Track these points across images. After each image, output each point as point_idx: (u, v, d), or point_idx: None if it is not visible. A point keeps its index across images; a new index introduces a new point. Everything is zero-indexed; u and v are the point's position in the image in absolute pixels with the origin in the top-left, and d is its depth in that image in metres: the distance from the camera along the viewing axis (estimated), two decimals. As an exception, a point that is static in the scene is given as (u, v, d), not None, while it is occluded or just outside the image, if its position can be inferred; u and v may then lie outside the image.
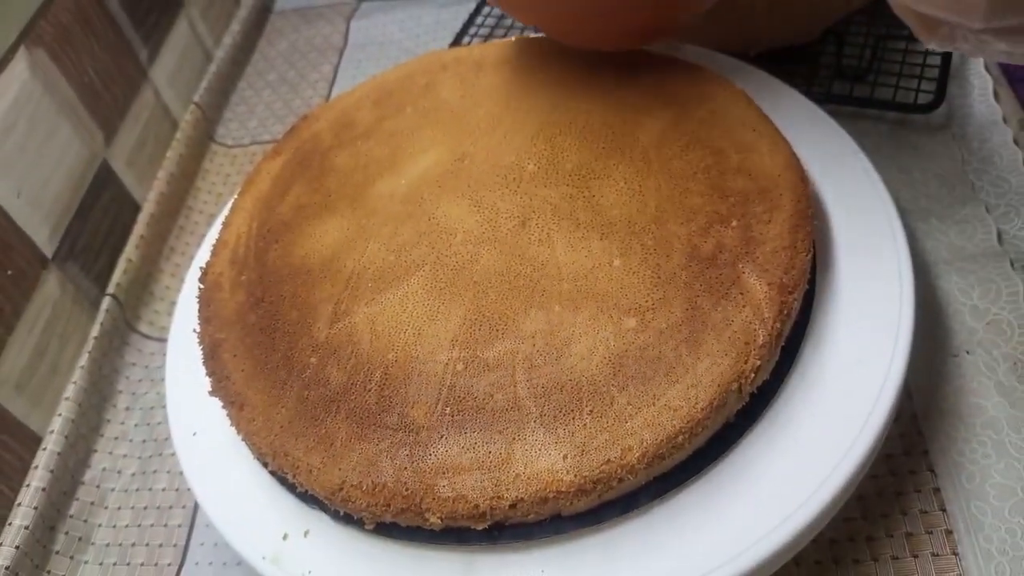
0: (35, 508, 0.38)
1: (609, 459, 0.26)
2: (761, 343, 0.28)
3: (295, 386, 0.30)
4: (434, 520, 0.26)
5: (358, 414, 0.29)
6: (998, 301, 0.38)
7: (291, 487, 0.30)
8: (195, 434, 0.34)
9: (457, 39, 0.59)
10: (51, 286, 0.44)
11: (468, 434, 0.27)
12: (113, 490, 0.41)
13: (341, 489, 0.27)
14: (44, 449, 0.40)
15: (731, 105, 0.36)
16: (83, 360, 0.44)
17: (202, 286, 0.35)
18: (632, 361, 0.28)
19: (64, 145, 0.47)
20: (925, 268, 0.40)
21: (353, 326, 0.31)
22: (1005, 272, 0.39)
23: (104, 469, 0.42)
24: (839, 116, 0.38)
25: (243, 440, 0.31)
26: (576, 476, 0.26)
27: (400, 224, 0.34)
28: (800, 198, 0.31)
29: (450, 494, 0.26)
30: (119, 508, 0.41)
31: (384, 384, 0.29)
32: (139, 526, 0.40)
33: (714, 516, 0.27)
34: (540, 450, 0.26)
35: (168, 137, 0.57)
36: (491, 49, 0.42)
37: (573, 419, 0.27)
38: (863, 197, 0.35)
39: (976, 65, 0.48)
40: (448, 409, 0.28)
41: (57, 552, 0.38)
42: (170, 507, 0.40)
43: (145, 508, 0.40)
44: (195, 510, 0.40)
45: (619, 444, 0.26)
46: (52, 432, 0.40)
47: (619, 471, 0.26)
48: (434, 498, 0.26)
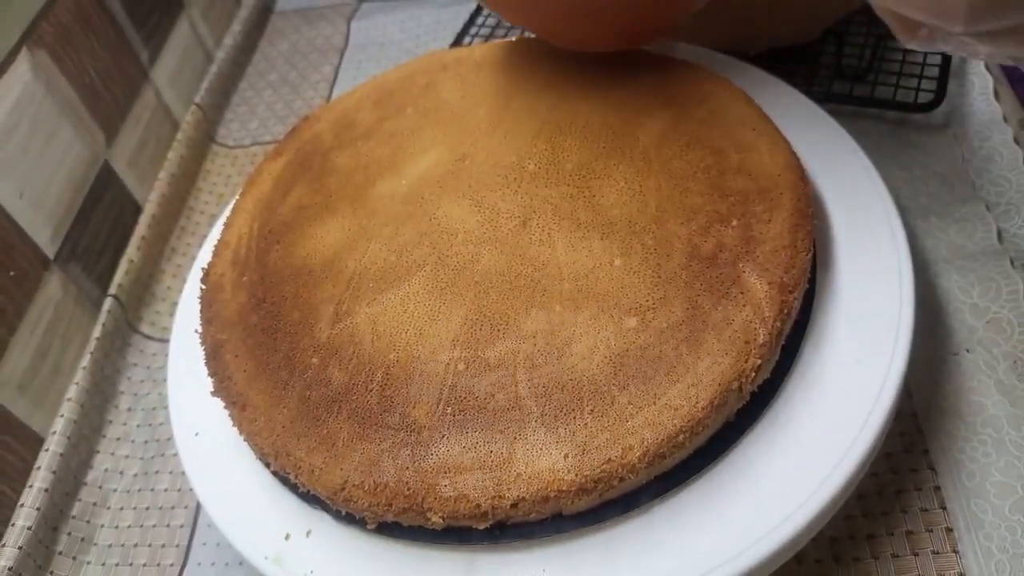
0: (38, 509, 0.38)
1: (610, 458, 0.26)
2: (761, 342, 0.28)
3: (297, 386, 0.30)
4: (436, 519, 0.26)
5: (360, 414, 0.29)
6: (998, 299, 0.38)
7: (293, 487, 0.30)
8: (197, 434, 0.34)
9: (457, 39, 0.59)
10: (53, 287, 0.45)
11: (469, 434, 0.27)
12: (115, 491, 0.41)
13: (343, 489, 0.27)
14: (46, 450, 0.40)
15: (731, 104, 0.36)
16: (85, 361, 0.44)
17: (204, 287, 0.35)
18: (633, 360, 0.28)
19: (66, 146, 0.47)
20: (925, 266, 0.40)
21: (355, 326, 0.31)
22: (1005, 270, 0.39)
23: (106, 470, 0.42)
24: (839, 115, 0.38)
25: (245, 440, 0.31)
26: (577, 475, 0.26)
27: (401, 224, 0.34)
28: (800, 197, 0.31)
29: (452, 493, 0.26)
30: (121, 509, 0.41)
31: (386, 384, 0.29)
32: (141, 526, 0.40)
33: (715, 515, 0.28)
34: (541, 449, 0.27)
35: (169, 138, 0.57)
36: (492, 49, 0.42)
37: (574, 418, 0.27)
38: (863, 196, 0.35)
39: (976, 64, 0.48)
40: (449, 409, 0.28)
41: (60, 553, 0.39)
42: (172, 507, 0.40)
43: (147, 508, 0.40)
44: (197, 510, 0.40)
45: (620, 443, 0.26)
46: (54, 433, 0.40)
47: (620, 470, 0.26)
48: (436, 498, 0.26)
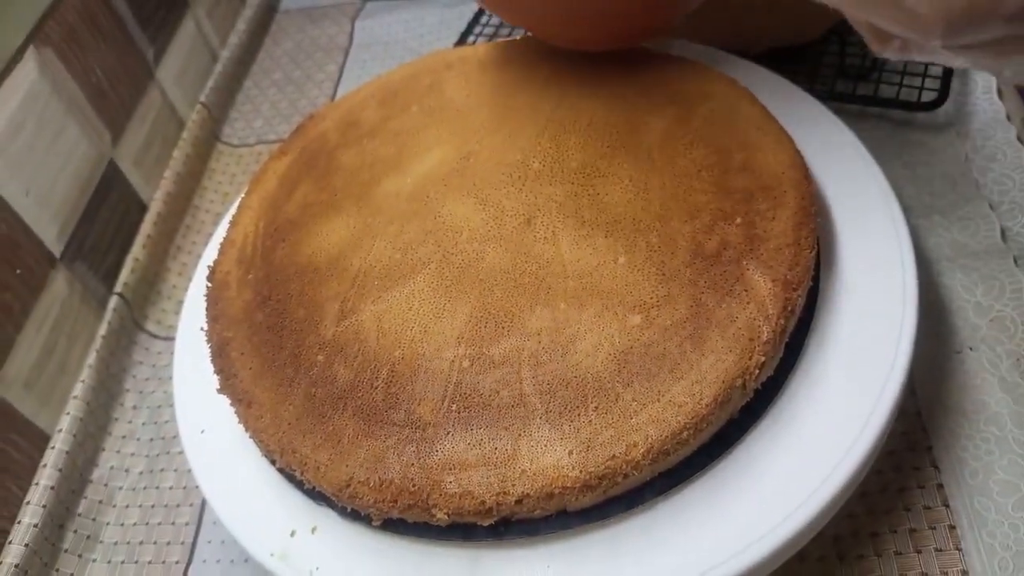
0: (44, 506, 0.38)
1: (614, 455, 0.26)
2: (765, 339, 0.28)
3: (302, 383, 0.30)
4: (441, 516, 0.27)
5: (365, 411, 0.29)
6: (1001, 298, 0.38)
7: (299, 484, 0.30)
8: (203, 432, 0.34)
9: (461, 39, 0.59)
10: (59, 285, 0.45)
11: (474, 430, 0.27)
12: (121, 488, 0.42)
13: (348, 485, 0.28)
14: (53, 447, 0.40)
15: (735, 103, 0.36)
16: (91, 359, 0.44)
17: (210, 285, 0.36)
18: (637, 358, 0.28)
19: (72, 145, 0.47)
20: (928, 265, 0.40)
21: (360, 324, 0.31)
22: (1009, 269, 0.39)
23: (112, 467, 0.42)
24: (842, 114, 0.38)
25: (251, 437, 0.31)
26: (581, 472, 0.26)
27: (406, 222, 0.35)
28: (804, 195, 0.31)
29: (456, 490, 0.27)
30: (127, 506, 0.41)
31: (391, 381, 0.29)
32: (147, 524, 0.40)
33: (718, 512, 0.28)
34: (546, 446, 0.27)
35: (175, 137, 0.58)
36: (495, 48, 0.42)
37: (578, 415, 0.27)
38: (867, 194, 0.35)
39: (979, 63, 0.48)
40: (454, 406, 0.28)
41: (66, 550, 0.39)
42: (177, 505, 0.40)
43: (153, 506, 0.41)
44: (202, 508, 0.40)
45: (624, 440, 0.26)
46: (60, 430, 0.41)
47: (624, 467, 0.26)
48: (441, 494, 0.27)
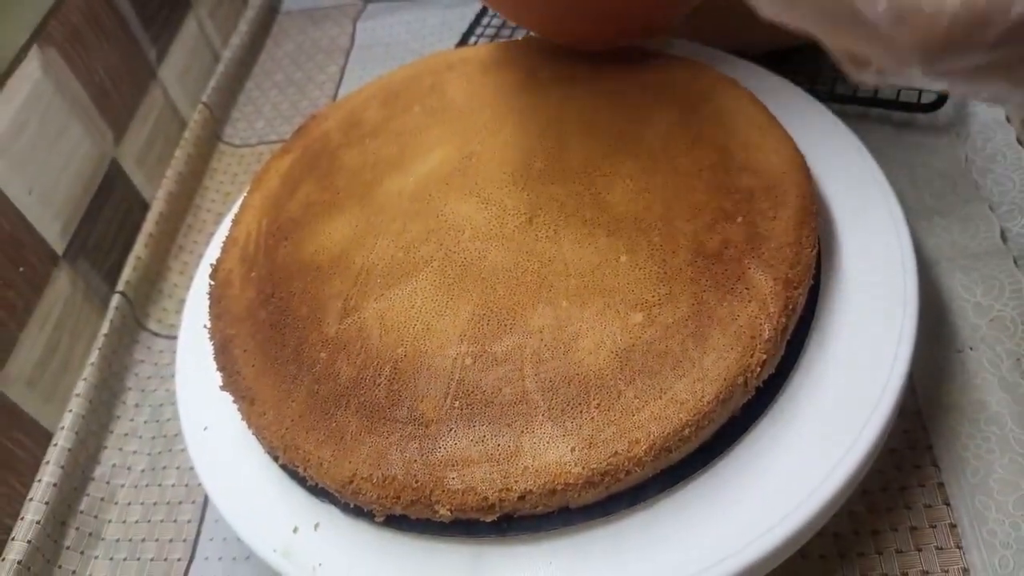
0: (46, 503, 0.38)
1: (616, 452, 0.26)
2: (766, 338, 0.28)
3: (305, 381, 0.30)
4: (443, 512, 0.27)
5: (368, 408, 0.29)
6: (1001, 298, 0.39)
7: (301, 480, 0.30)
8: (205, 429, 0.34)
9: (463, 40, 0.59)
10: (62, 283, 0.45)
11: (477, 427, 0.28)
12: (123, 486, 0.42)
13: (351, 482, 0.28)
14: (55, 445, 0.40)
15: (736, 103, 0.36)
16: (93, 357, 0.44)
17: (213, 283, 0.36)
18: (639, 355, 0.28)
19: (75, 144, 0.48)
20: (929, 265, 0.41)
21: (362, 321, 0.31)
22: (1008, 269, 0.40)
23: (114, 465, 0.42)
24: (843, 115, 0.38)
25: (254, 434, 0.31)
26: (584, 468, 0.26)
27: (409, 221, 0.35)
28: (805, 195, 0.32)
29: (459, 486, 0.27)
30: (129, 504, 0.41)
31: (393, 378, 0.29)
32: (149, 521, 0.40)
33: (720, 509, 0.28)
34: (548, 443, 0.27)
35: (177, 136, 0.58)
36: (497, 49, 0.43)
37: (581, 412, 0.27)
38: (867, 195, 0.35)
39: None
40: (457, 403, 0.28)
41: (68, 547, 0.39)
42: (180, 503, 0.40)
43: (155, 504, 0.41)
44: (205, 505, 0.40)
45: (626, 437, 0.26)
46: (63, 428, 0.41)
47: (626, 464, 0.26)
48: (443, 490, 0.27)
